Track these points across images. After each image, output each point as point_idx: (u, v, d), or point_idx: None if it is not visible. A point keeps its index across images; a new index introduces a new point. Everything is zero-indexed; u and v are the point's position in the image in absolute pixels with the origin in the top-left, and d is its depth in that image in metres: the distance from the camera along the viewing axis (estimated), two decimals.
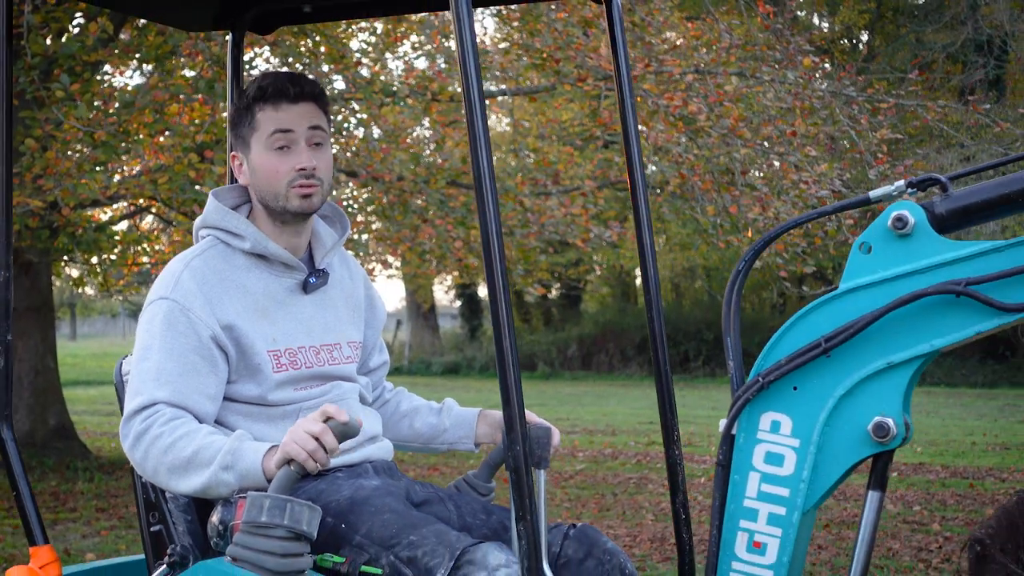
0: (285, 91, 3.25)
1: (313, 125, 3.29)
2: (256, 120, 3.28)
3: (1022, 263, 2.76)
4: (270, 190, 3.30)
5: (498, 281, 2.78)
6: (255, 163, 3.30)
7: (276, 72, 3.33)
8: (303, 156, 3.26)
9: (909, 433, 2.89)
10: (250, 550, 2.85)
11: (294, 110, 3.27)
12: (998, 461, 14.75)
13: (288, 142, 3.27)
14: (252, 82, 3.31)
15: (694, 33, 13.84)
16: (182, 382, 3.11)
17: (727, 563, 2.97)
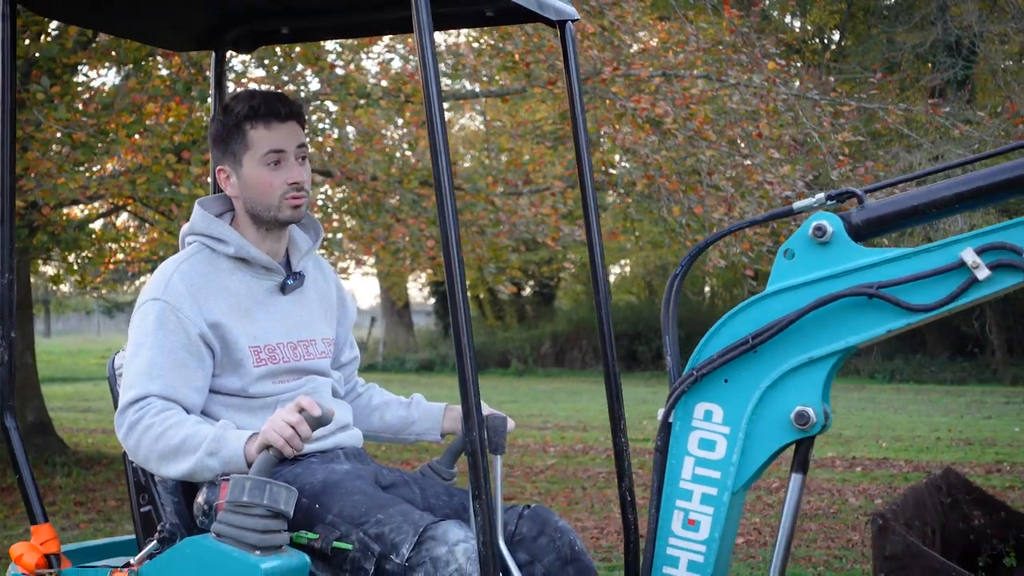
0: (276, 111, 3.54)
1: (300, 143, 3.60)
2: (249, 138, 3.57)
3: (926, 268, 3.07)
4: (263, 202, 3.59)
5: (456, 280, 3.08)
6: (248, 178, 3.58)
7: (262, 92, 3.61)
8: (294, 171, 3.57)
9: (828, 421, 3.20)
10: (233, 527, 3.14)
11: (284, 129, 3.57)
12: (960, 456, 15.01)
13: (280, 159, 3.57)
14: (237, 99, 3.59)
15: (663, 35, 14.07)
16: (172, 376, 3.40)
17: (664, 539, 3.28)
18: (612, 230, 16.85)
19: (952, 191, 3.13)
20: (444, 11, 3.62)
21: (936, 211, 3.15)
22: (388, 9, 3.85)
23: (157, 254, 15.32)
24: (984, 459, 14.62)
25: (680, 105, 12.72)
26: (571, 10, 3.87)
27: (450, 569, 3.18)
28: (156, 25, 4.02)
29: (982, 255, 3.03)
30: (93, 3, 3.68)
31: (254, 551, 3.13)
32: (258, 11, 3.93)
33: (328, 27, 4.16)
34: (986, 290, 3.05)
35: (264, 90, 3.66)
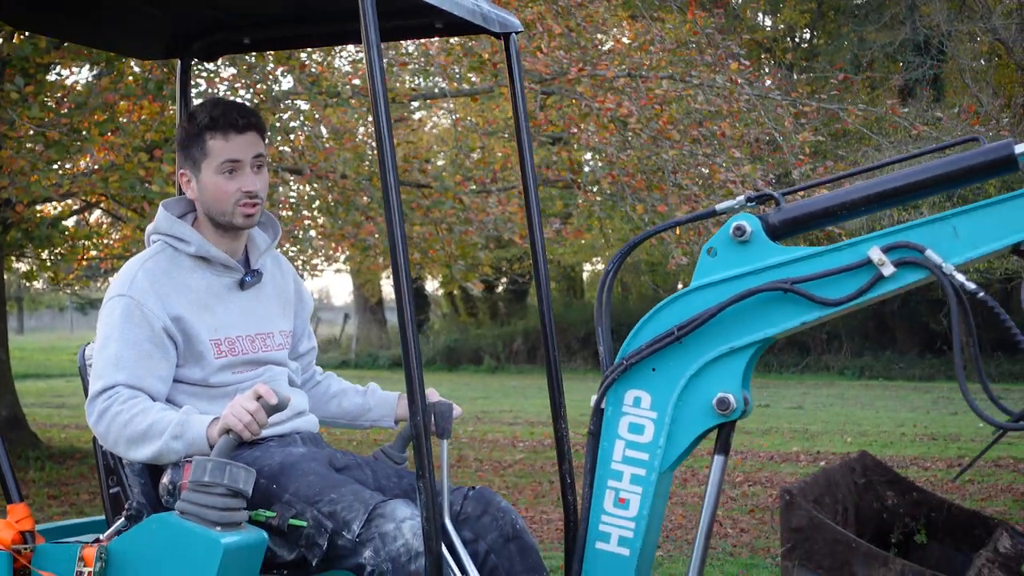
0: (234, 123, 3.77)
1: (256, 154, 3.82)
2: (207, 147, 3.79)
3: (837, 265, 3.33)
4: (218, 207, 3.83)
5: (402, 274, 3.31)
6: (205, 184, 3.81)
7: (224, 102, 3.84)
8: (248, 180, 3.80)
9: (748, 407, 3.45)
10: (195, 505, 3.38)
11: (241, 140, 3.79)
12: (924, 451, 15.28)
13: (235, 168, 3.80)
14: (202, 108, 3.82)
15: (630, 36, 14.27)
16: (138, 367, 3.64)
17: (597, 516, 3.53)
18: (578, 228, 17.06)
19: (860, 194, 3.38)
20: (394, 24, 3.86)
21: (846, 213, 3.41)
22: (342, 22, 4.09)
23: (129, 251, 15.47)
24: (947, 454, 14.88)
25: (645, 105, 12.95)
26: (515, 22, 4.11)
27: (397, 544, 3.43)
28: (123, 35, 4.25)
29: (888, 253, 3.28)
30: (62, 15, 3.91)
31: (215, 527, 3.37)
32: (221, 23, 4.16)
33: (286, 38, 4.41)
34: (891, 285, 3.30)
35: (227, 101, 3.87)
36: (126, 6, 3.87)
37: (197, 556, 3.33)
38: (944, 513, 3.77)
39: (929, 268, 3.25)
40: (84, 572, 3.36)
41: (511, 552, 3.78)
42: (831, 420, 19.26)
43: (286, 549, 3.58)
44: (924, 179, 3.35)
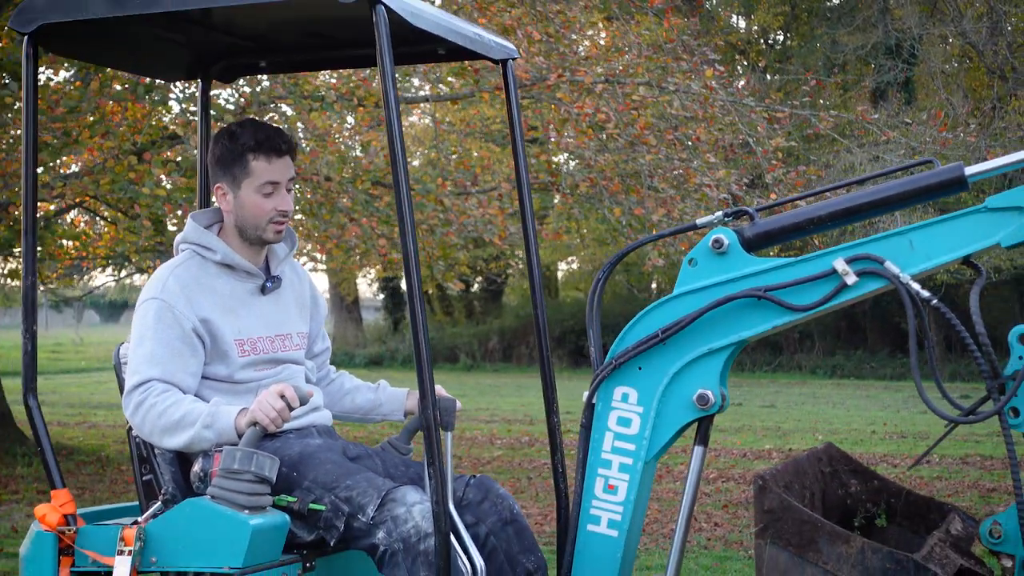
0: (277, 147, 4.12)
1: (291, 176, 4.18)
2: (250, 167, 4.13)
3: (805, 275, 3.69)
4: (253, 223, 4.17)
5: (413, 278, 3.66)
6: (244, 200, 4.15)
7: (266, 125, 4.19)
8: (283, 200, 4.15)
9: (725, 403, 3.81)
10: (225, 490, 3.73)
11: (281, 163, 4.14)
12: (893, 448, 15.60)
13: (274, 190, 4.15)
14: (244, 129, 4.14)
15: (607, 42, 14.56)
16: (170, 363, 3.98)
17: (588, 501, 3.89)
18: (556, 230, 17.39)
19: (827, 211, 3.76)
20: (401, 50, 4.20)
21: (814, 227, 3.78)
22: (353, 47, 4.44)
23: (114, 251, 15.76)
24: (916, 451, 15.12)
25: (622, 111, 13.27)
26: (512, 49, 4.47)
27: (408, 526, 3.78)
28: (150, 60, 4.61)
29: (851, 264, 3.65)
30: (99, 44, 4.26)
31: (243, 511, 3.72)
32: (239, 48, 4.51)
33: (301, 61, 4.77)
34: (854, 293, 3.67)
35: (268, 124, 4.22)
36: (153, 34, 4.21)
37: (227, 536, 3.67)
38: (902, 499, 4.14)
39: (888, 278, 3.62)
40: (125, 551, 3.70)
41: (509, 534, 4.16)
42: (803, 418, 19.55)
43: (306, 531, 3.93)
44: (885, 197, 3.72)
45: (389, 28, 3.64)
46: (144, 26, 4.04)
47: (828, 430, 17.67)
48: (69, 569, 3.82)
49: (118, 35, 4.16)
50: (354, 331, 39.70)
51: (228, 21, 4.16)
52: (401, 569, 3.76)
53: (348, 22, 3.96)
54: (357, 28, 3.83)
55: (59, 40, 4.09)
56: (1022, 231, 3.56)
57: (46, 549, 3.82)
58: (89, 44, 4.30)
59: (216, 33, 4.29)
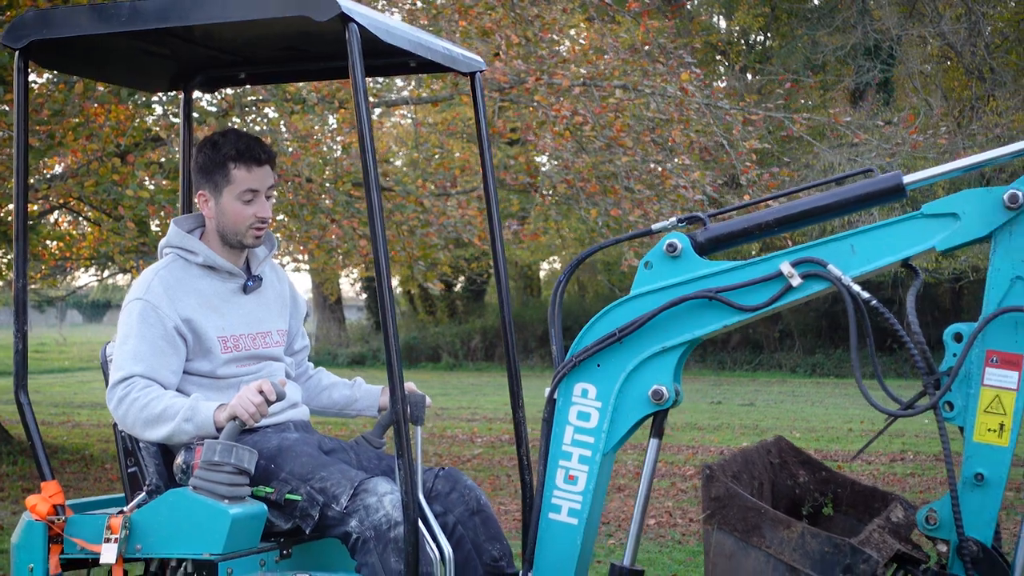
0: (257, 157, 4.34)
1: (270, 184, 4.40)
2: (231, 175, 4.35)
3: (753, 277, 3.92)
4: (233, 228, 4.39)
5: (384, 277, 3.88)
6: (225, 207, 4.37)
7: (247, 135, 4.40)
8: (263, 208, 4.37)
9: (679, 398, 4.04)
10: (206, 481, 3.95)
11: (260, 172, 4.36)
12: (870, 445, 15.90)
13: (254, 197, 4.36)
14: (226, 139, 4.36)
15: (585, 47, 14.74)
16: (153, 360, 4.19)
17: (550, 491, 4.11)
18: (535, 231, 17.58)
19: (773, 216, 3.98)
20: (373, 63, 4.42)
21: (761, 232, 4.01)
22: (329, 59, 4.67)
23: (98, 252, 15.91)
24: (891, 448, 15.31)
25: (599, 113, 13.47)
26: (480, 62, 4.69)
27: (379, 515, 4.00)
28: (134, 72, 4.84)
29: (796, 267, 3.88)
30: (86, 58, 4.48)
31: (224, 501, 3.94)
32: (219, 60, 4.72)
33: (278, 73, 4.99)
34: (799, 294, 3.90)
35: (248, 135, 4.43)
36: (137, 47, 4.43)
37: (209, 525, 3.90)
38: (848, 489, 4.37)
39: (831, 280, 3.85)
40: (111, 539, 3.92)
41: (476, 524, 4.39)
42: (781, 416, 19.71)
43: (283, 520, 4.15)
44: (828, 204, 3.96)
45: (361, 44, 3.86)
46: (128, 40, 4.25)
47: (806, 428, 17.84)
48: (58, 556, 4.03)
49: (104, 49, 4.37)
50: (337, 331, 39.80)
51: (209, 35, 4.37)
52: (373, 555, 3.98)
53: (324, 36, 4.17)
54: (332, 42, 4.04)
55: (48, 55, 4.31)
56: (956, 236, 3.79)
57: (36, 537, 4.04)
58: (76, 58, 4.52)
59: (197, 47, 4.50)
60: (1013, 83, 28.30)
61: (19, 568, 4.07)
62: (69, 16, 4.11)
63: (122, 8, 4.02)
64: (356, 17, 3.84)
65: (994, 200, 3.75)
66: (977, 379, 3.77)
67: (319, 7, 3.78)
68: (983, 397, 3.77)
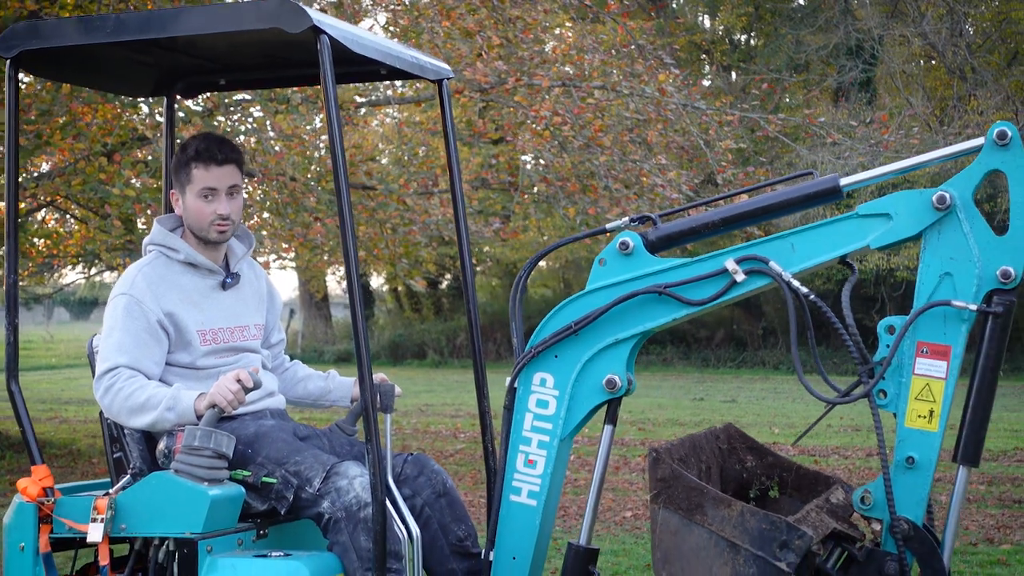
0: (214, 156, 4.58)
1: (231, 184, 4.62)
2: (192, 175, 4.61)
3: (700, 273, 4.17)
4: (197, 225, 4.64)
5: (353, 273, 4.13)
6: (188, 205, 4.63)
7: (210, 136, 4.65)
8: (222, 205, 4.60)
9: (632, 387, 4.28)
10: (187, 465, 4.20)
11: (219, 171, 4.60)
12: (846, 441, 16.00)
13: (212, 195, 4.60)
14: (192, 141, 4.62)
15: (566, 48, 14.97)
16: (137, 352, 4.45)
17: (511, 474, 4.36)
18: (516, 229, 17.83)
19: (720, 216, 4.24)
20: (345, 70, 4.68)
21: (708, 231, 4.26)
22: (303, 67, 4.92)
23: (85, 249, 16.13)
24: (868, 444, 15.52)
25: (578, 113, 13.72)
26: (447, 70, 4.95)
27: (350, 496, 4.26)
28: (119, 79, 5.11)
29: (740, 263, 4.14)
30: (74, 66, 4.75)
31: (203, 483, 4.20)
32: (200, 67, 4.98)
33: (256, 80, 5.25)
34: (743, 289, 4.16)
35: (213, 136, 4.68)
36: (122, 56, 4.68)
37: (189, 506, 4.16)
38: (793, 473, 4.62)
39: (772, 276, 4.11)
40: (98, 519, 4.17)
41: (442, 506, 4.65)
42: (763, 413, 19.91)
43: (259, 501, 4.40)
44: (769, 204, 4.22)
45: (333, 54, 4.12)
46: (114, 50, 4.51)
47: (785, 423, 18.05)
48: (48, 536, 4.29)
49: (90, 58, 4.63)
50: (323, 328, 40.01)
51: (190, 45, 4.62)
52: (344, 534, 4.24)
53: (299, 45, 4.41)
54: (307, 50, 4.29)
55: (38, 64, 4.57)
56: (888, 235, 4.06)
57: (27, 518, 4.30)
58: (64, 66, 4.78)
59: (179, 55, 4.76)
60: (994, 82, 28.56)
61: (11, 547, 4.32)
62: (57, 27, 4.37)
63: (107, 20, 4.28)
64: (327, 29, 4.10)
65: (924, 201, 4.01)
66: (908, 369, 4.03)
67: (292, 20, 4.04)
68: (914, 385, 4.02)
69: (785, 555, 3.82)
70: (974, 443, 4.03)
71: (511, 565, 4.34)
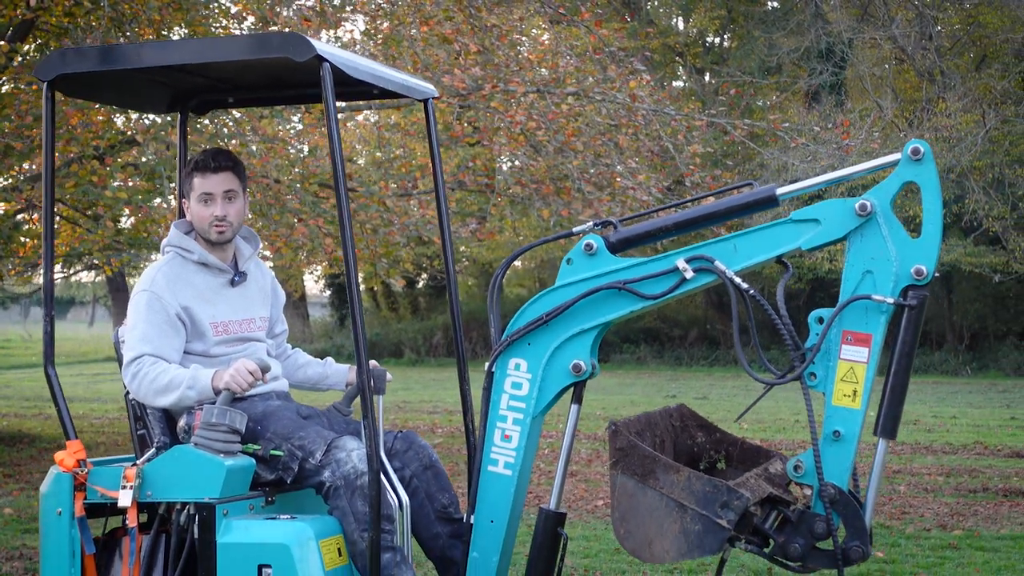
0: (210, 165, 5.17)
1: (228, 189, 5.19)
2: (193, 183, 5.20)
3: (655, 271, 4.75)
4: (200, 226, 5.23)
5: (351, 268, 4.70)
6: (192, 209, 5.22)
7: (209, 150, 5.24)
8: (218, 209, 5.17)
9: (595, 371, 4.86)
10: (205, 439, 4.78)
11: (215, 178, 5.17)
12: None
13: (209, 199, 5.19)
14: (196, 154, 5.23)
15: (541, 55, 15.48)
16: (158, 341, 5.03)
17: (489, 448, 4.94)
18: (492, 230, 18.32)
19: (672, 221, 4.84)
20: (341, 90, 5.25)
21: (664, 234, 4.86)
22: (305, 87, 5.51)
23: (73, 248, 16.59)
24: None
25: (552, 119, 14.25)
26: (432, 90, 5.54)
27: (348, 467, 4.84)
28: (139, 97, 5.70)
29: (689, 262, 4.72)
30: (100, 87, 5.34)
31: (219, 455, 4.78)
32: (211, 87, 5.56)
33: (261, 98, 5.85)
34: (692, 285, 4.73)
35: (215, 149, 5.28)
36: (142, 78, 5.26)
37: (208, 474, 4.74)
38: (738, 448, 5.23)
39: (717, 273, 4.70)
40: (127, 486, 4.75)
41: (428, 477, 5.25)
42: (733, 409, 20.35)
43: (268, 472, 4.99)
44: (712, 212, 4.83)
45: (333, 79, 4.70)
46: (136, 73, 5.09)
47: (754, 419, 18.56)
48: (82, 502, 4.86)
49: (115, 80, 5.20)
50: (301, 327, 40.35)
51: (203, 67, 5.19)
52: (343, 500, 4.83)
53: (300, 68, 4.97)
54: (308, 73, 4.86)
55: (70, 85, 5.15)
56: (818, 237, 4.65)
57: (64, 486, 4.87)
58: (92, 87, 5.38)
59: (193, 77, 5.34)
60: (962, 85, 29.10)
61: (48, 512, 4.88)
62: (90, 54, 4.96)
63: (133, 49, 4.87)
64: (329, 57, 4.69)
65: (848, 208, 4.61)
66: (835, 354, 4.62)
67: (299, 50, 4.62)
68: (840, 369, 4.61)
69: (726, 513, 4.43)
70: (892, 418, 4.61)
71: (489, 527, 4.92)
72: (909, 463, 14.44)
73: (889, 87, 30.49)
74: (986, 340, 34.65)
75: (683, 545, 4.47)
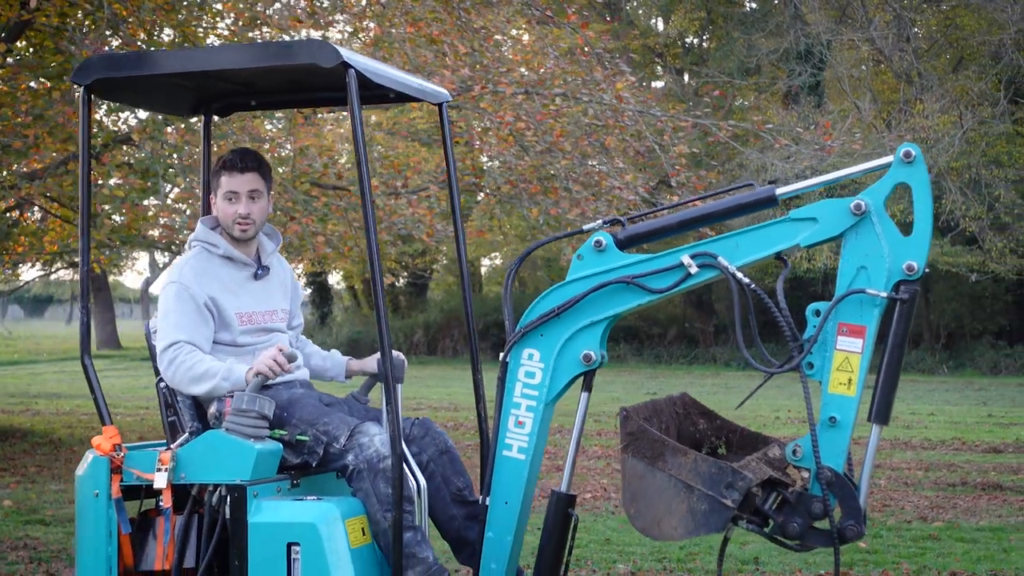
0: (235, 165, 5.44)
1: (252, 188, 5.46)
2: (220, 181, 5.47)
3: (661, 266, 5.01)
4: (224, 223, 5.50)
5: (375, 263, 4.94)
6: (218, 206, 5.50)
7: (237, 150, 5.51)
8: (242, 207, 5.45)
9: (604, 360, 5.12)
10: (236, 424, 5.03)
11: (241, 177, 5.44)
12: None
13: (234, 197, 5.46)
14: (224, 154, 5.49)
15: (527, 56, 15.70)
16: (191, 329, 5.28)
17: (504, 433, 5.20)
18: (479, 228, 18.54)
19: (676, 220, 5.11)
20: (363, 94, 5.50)
21: (667, 232, 5.13)
22: (324, 91, 5.77)
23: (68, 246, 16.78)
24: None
25: (540, 119, 14.49)
26: (445, 94, 5.81)
27: (371, 451, 5.11)
28: (165, 101, 5.96)
29: (694, 258, 4.99)
30: (132, 90, 5.60)
31: (249, 440, 5.03)
32: (234, 91, 5.82)
33: (283, 101, 6.11)
34: (696, 280, 4.99)
35: (243, 149, 5.55)
36: (170, 82, 5.51)
37: (238, 458, 4.99)
38: (738, 434, 5.51)
39: (720, 269, 4.97)
40: (162, 469, 5.01)
41: (444, 461, 5.53)
42: (713, 406, 20.24)
43: (294, 456, 5.24)
44: (713, 211, 5.10)
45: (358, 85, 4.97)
46: (166, 78, 5.34)
47: (735, 416, 18.84)
48: (119, 484, 5.11)
49: (146, 84, 5.46)
50: None
51: (227, 72, 5.45)
52: (366, 482, 5.09)
53: (323, 73, 5.20)
54: (328, 77, 5.11)
55: (105, 89, 5.41)
56: (815, 235, 4.93)
57: (101, 469, 5.11)
58: (124, 91, 5.65)
59: (217, 81, 5.59)
60: (940, 86, 29.44)
61: (85, 495, 5.13)
62: (125, 60, 5.22)
63: (166, 55, 5.14)
64: (354, 64, 4.94)
65: (843, 208, 4.89)
66: (831, 345, 4.88)
67: (326, 57, 4.87)
68: (836, 359, 4.87)
69: (730, 494, 4.70)
70: (884, 405, 4.88)
71: (504, 509, 5.19)
72: (889, 458, 14.77)
73: (867, 88, 30.84)
74: (963, 339, 35.08)
75: (690, 523, 4.75)
